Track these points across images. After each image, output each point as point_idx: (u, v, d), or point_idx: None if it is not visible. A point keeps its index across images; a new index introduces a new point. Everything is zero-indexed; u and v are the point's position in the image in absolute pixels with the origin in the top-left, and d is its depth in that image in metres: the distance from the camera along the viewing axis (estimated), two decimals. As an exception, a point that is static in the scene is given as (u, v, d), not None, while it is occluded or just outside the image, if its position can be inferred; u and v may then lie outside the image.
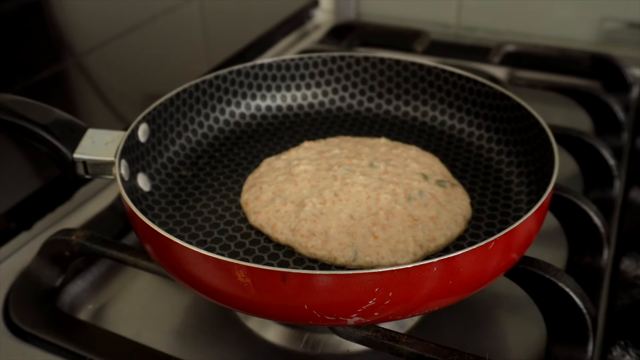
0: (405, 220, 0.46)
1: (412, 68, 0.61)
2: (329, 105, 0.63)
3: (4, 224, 0.56)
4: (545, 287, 0.43)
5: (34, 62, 0.71)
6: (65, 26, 0.78)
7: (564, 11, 0.89)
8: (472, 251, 0.38)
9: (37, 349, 0.46)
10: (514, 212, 0.49)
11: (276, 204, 0.48)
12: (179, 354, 0.45)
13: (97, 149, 0.48)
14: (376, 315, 0.38)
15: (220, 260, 0.37)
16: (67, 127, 0.49)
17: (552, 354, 0.43)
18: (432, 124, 0.61)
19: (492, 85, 0.57)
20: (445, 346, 0.40)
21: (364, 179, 0.49)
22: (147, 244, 0.43)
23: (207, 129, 0.58)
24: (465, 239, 0.47)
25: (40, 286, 0.50)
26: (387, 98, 0.63)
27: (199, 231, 0.48)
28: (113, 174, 0.47)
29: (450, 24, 0.96)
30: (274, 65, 0.61)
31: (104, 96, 0.76)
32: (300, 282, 0.36)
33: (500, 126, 0.57)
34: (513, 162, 0.54)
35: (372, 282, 0.36)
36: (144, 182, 0.51)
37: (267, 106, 0.62)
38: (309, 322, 0.39)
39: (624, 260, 0.52)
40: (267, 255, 0.45)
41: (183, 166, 0.55)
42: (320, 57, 0.62)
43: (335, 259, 0.44)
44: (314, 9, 1.04)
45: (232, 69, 0.60)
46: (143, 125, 0.52)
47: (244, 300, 0.39)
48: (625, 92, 0.78)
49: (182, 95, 0.56)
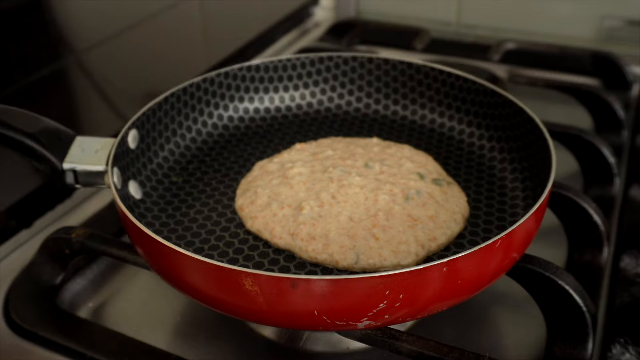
0: (405, 221, 0.46)
1: (401, 67, 0.61)
2: (317, 106, 0.62)
3: (4, 222, 0.56)
4: (545, 285, 0.43)
5: (34, 60, 0.71)
6: (64, 24, 0.78)
7: (564, 9, 0.89)
8: (480, 250, 0.38)
9: (37, 346, 0.46)
10: (510, 208, 0.49)
11: (273, 208, 0.47)
12: (179, 351, 0.45)
13: (87, 157, 0.46)
14: (386, 318, 0.38)
15: (227, 268, 0.36)
16: (55, 135, 0.47)
17: (552, 351, 0.43)
18: (422, 123, 0.60)
19: (483, 83, 0.57)
20: (445, 344, 0.40)
21: (361, 180, 0.49)
22: (148, 256, 0.42)
23: (195, 133, 0.58)
24: (465, 237, 0.47)
25: (40, 284, 0.50)
26: (375, 97, 0.62)
27: (195, 238, 0.47)
28: (106, 183, 0.46)
29: (450, 22, 0.96)
30: (262, 67, 0.61)
31: (104, 93, 0.76)
32: (310, 288, 0.36)
33: (492, 123, 0.56)
34: (506, 158, 0.54)
35: (383, 285, 0.36)
36: (135, 190, 0.50)
37: (255, 108, 0.61)
38: (319, 328, 0.38)
39: (624, 258, 0.52)
40: (267, 261, 0.45)
41: (173, 172, 0.54)
42: (308, 58, 0.62)
43: (337, 263, 0.44)
44: (314, 7, 1.04)
45: (220, 72, 0.59)
46: (133, 131, 0.51)
47: (251, 309, 0.38)
48: (626, 89, 0.78)
49: (170, 99, 0.55)
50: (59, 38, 0.78)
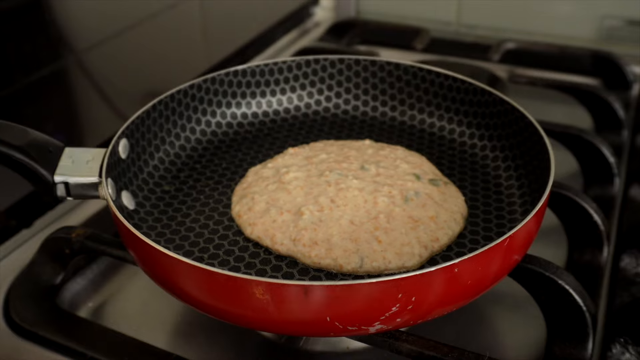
0: (407, 222, 0.45)
1: (388, 68, 0.61)
2: (305, 110, 0.62)
3: (4, 222, 0.56)
4: (545, 284, 0.43)
5: (34, 60, 0.71)
6: (64, 24, 0.78)
7: (564, 9, 0.89)
8: (489, 249, 0.37)
9: (37, 346, 0.46)
10: (508, 206, 0.49)
11: (272, 214, 0.47)
12: (179, 351, 0.45)
13: (78, 168, 0.45)
14: (398, 322, 0.38)
15: (239, 278, 0.36)
16: (44, 147, 0.45)
17: (552, 351, 0.43)
18: (412, 123, 0.60)
19: (472, 81, 0.56)
20: (445, 344, 0.40)
21: (358, 182, 0.49)
22: (151, 269, 0.41)
23: (184, 140, 0.57)
24: (466, 237, 0.47)
25: (41, 284, 0.50)
26: (364, 99, 0.62)
27: (193, 247, 0.46)
28: (101, 194, 0.45)
29: (450, 22, 0.96)
30: (249, 71, 0.60)
31: (104, 93, 0.76)
32: (323, 295, 0.35)
33: (483, 121, 0.56)
34: (499, 156, 0.54)
35: (395, 289, 0.36)
36: (128, 200, 0.49)
37: (242, 113, 0.61)
38: (330, 334, 0.38)
39: (624, 257, 0.52)
40: (269, 268, 0.44)
41: (165, 180, 0.53)
42: (295, 61, 0.61)
43: (341, 267, 0.43)
44: (314, 7, 1.04)
45: (207, 77, 0.58)
46: (123, 140, 0.50)
47: (262, 318, 0.37)
48: (626, 89, 0.78)
49: (158, 107, 0.55)
50: (59, 38, 0.78)
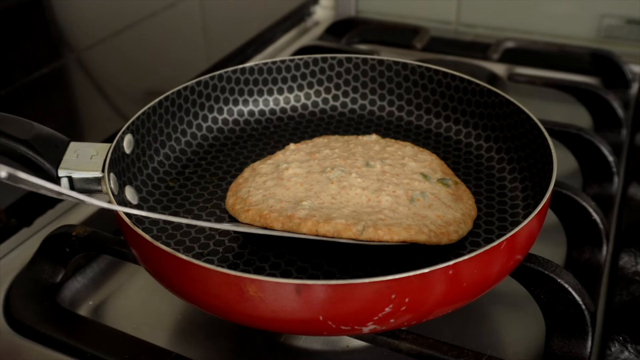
0: (412, 216, 0.44)
1: (396, 67, 0.60)
2: (312, 108, 0.62)
3: (4, 220, 0.57)
4: (544, 283, 0.43)
5: (34, 59, 0.71)
6: (65, 23, 0.78)
7: (563, 8, 0.89)
8: (486, 251, 0.37)
9: (37, 344, 0.46)
10: (511, 208, 0.49)
11: (269, 202, 0.46)
12: (179, 349, 0.45)
13: (82, 163, 0.45)
14: (392, 322, 0.37)
15: (231, 275, 0.36)
16: (49, 141, 0.45)
17: (551, 349, 0.43)
18: (419, 123, 0.60)
19: (479, 82, 0.56)
20: (444, 342, 0.40)
21: (362, 181, 0.48)
22: (150, 265, 0.41)
23: (190, 137, 0.57)
24: (467, 239, 0.46)
25: (41, 282, 0.50)
26: (371, 99, 0.62)
27: (193, 244, 0.46)
28: (103, 189, 0.45)
29: (449, 21, 0.96)
30: (256, 69, 0.60)
31: (104, 92, 0.76)
32: (315, 293, 0.35)
33: (489, 123, 0.56)
34: (504, 158, 0.54)
35: (388, 289, 0.35)
36: (131, 195, 0.49)
37: (249, 111, 0.61)
38: (323, 333, 0.38)
39: (623, 256, 0.52)
40: (268, 265, 0.44)
41: (169, 176, 0.53)
42: (302, 60, 0.61)
43: (339, 233, 0.42)
44: (314, 6, 1.04)
45: (214, 74, 0.58)
46: (128, 135, 0.50)
47: (255, 315, 0.37)
48: (625, 88, 0.78)
49: (164, 103, 0.55)
50: (59, 37, 0.78)
